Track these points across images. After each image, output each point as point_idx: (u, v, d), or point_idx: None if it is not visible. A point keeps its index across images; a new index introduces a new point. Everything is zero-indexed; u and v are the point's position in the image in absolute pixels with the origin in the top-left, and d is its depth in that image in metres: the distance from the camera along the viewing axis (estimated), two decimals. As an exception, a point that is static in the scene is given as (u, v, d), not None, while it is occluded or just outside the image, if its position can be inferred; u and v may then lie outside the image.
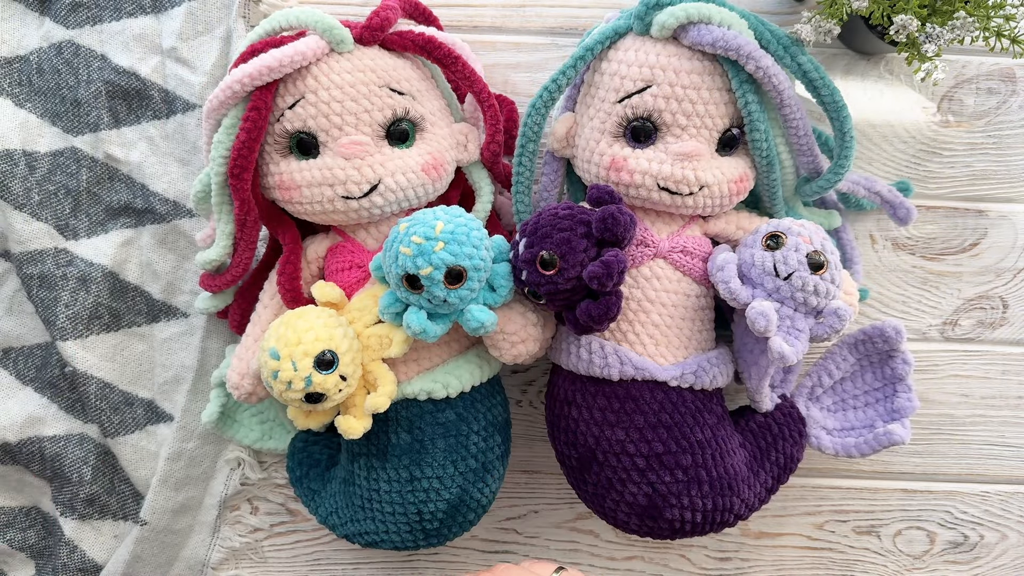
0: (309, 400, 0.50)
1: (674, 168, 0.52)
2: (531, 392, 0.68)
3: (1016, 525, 0.69)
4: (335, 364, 0.49)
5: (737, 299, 0.50)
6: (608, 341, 0.54)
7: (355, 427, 0.52)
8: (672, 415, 0.52)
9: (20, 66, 0.68)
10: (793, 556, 0.69)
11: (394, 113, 0.54)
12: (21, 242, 0.66)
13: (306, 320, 0.50)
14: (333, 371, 0.49)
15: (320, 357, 0.49)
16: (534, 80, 0.66)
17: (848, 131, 0.53)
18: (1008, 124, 0.66)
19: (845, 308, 0.50)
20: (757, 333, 0.49)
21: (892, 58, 0.65)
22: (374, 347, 0.52)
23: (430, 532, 0.55)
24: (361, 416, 0.52)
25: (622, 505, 0.54)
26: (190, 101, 0.67)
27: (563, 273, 0.48)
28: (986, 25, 0.51)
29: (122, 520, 0.69)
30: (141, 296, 0.68)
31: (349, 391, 0.51)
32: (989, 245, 0.67)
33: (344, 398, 0.52)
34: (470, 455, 0.55)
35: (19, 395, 0.69)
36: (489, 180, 0.59)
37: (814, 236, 0.51)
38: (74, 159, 0.67)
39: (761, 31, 0.53)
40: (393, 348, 0.51)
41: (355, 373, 0.51)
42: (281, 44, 0.52)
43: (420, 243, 0.47)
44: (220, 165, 0.53)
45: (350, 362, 0.50)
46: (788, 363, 0.48)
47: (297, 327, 0.49)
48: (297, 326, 0.49)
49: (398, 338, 0.51)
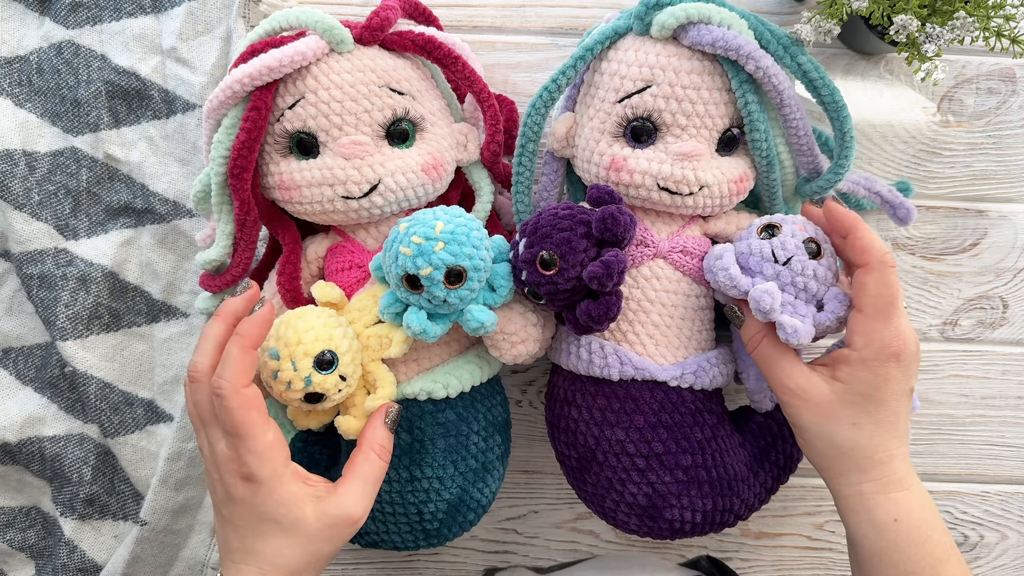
0: (308, 400, 0.50)
1: (674, 168, 0.52)
2: (531, 392, 0.68)
3: (1016, 525, 0.69)
4: (335, 364, 0.49)
5: (738, 286, 0.49)
6: (608, 341, 0.54)
7: (354, 427, 0.52)
8: (672, 415, 0.53)
9: (20, 66, 0.68)
10: (793, 556, 0.69)
11: (394, 113, 0.54)
12: (21, 242, 0.67)
13: (306, 320, 0.50)
14: (333, 371, 0.49)
15: (320, 357, 0.49)
16: (534, 80, 0.66)
17: (848, 131, 0.53)
18: (1008, 124, 0.66)
19: (845, 294, 0.49)
20: (761, 315, 0.48)
21: (892, 58, 0.65)
22: (373, 347, 0.52)
23: (430, 532, 0.55)
24: (361, 416, 0.52)
25: (622, 505, 0.54)
26: (190, 101, 0.67)
27: (563, 273, 0.48)
28: (986, 25, 0.51)
29: (122, 520, 0.69)
30: (141, 296, 0.68)
31: (349, 391, 0.52)
32: (989, 245, 0.67)
33: (344, 398, 0.52)
34: (470, 455, 0.55)
35: (19, 395, 0.69)
36: (489, 180, 0.59)
37: (808, 225, 0.51)
38: (74, 159, 0.67)
39: (761, 31, 0.53)
40: (393, 348, 0.51)
41: (355, 373, 0.51)
42: (281, 44, 0.52)
43: (420, 243, 0.47)
44: (220, 165, 0.53)
45: (350, 362, 0.50)
46: (800, 340, 0.47)
47: (297, 327, 0.49)
48: (297, 326, 0.49)
49: (398, 338, 0.51)
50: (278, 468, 0.46)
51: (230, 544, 0.47)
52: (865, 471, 0.48)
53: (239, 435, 0.45)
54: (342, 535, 0.48)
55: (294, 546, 0.46)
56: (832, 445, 0.48)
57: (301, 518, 0.46)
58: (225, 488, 0.47)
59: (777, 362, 0.50)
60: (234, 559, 0.47)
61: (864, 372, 0.47)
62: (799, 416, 0.49)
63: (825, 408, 0.48)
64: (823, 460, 0.50)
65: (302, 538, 0.46)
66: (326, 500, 0.47)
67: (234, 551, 0.47)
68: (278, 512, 0.46)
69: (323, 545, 0.47)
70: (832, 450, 0.49)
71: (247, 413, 0.45)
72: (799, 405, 0.49)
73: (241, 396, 0.45)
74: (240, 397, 0.45)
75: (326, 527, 0.47)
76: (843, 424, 0.48)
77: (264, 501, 0.46)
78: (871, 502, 0.48)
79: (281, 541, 0.46)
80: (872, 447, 0.48)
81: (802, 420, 0.49)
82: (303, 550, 0.47)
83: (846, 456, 0.48)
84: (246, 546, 0.47)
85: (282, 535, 0.46)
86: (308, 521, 0.46)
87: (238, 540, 0.47)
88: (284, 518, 0.46)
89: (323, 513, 0.46)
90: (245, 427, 0.45)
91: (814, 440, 0.49)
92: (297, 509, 0.46)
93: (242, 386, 0.45)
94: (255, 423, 0.45)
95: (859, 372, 0.47)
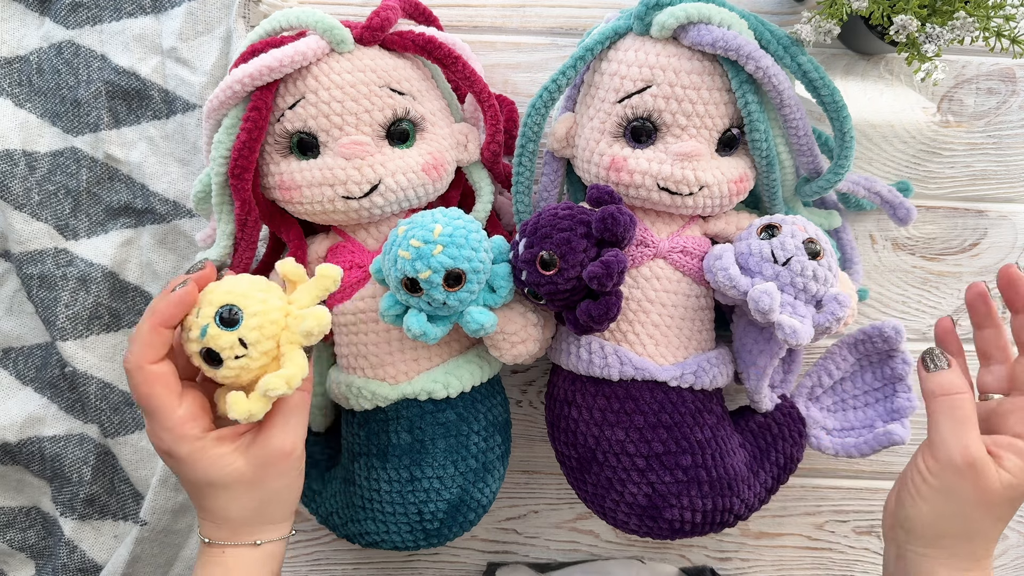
0: (208, 360, 0.46)
1: (674, 168, 0.52)
2: (531, 392, 0.68)
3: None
4: (238, 324, 0.46)
5: (737, 286, 0.50)
6: (608, 341, 0.54)
7: (241, 406, 0.45)
8: (672, 415, 0.53)
9: (20, 66, 0.68)
10: (793, 556, 0.69)
11: (394, 113, 0.54)
12: (21, 242, 0.67)
13: (232, 281, 0.47)
14: (233, 331, 0.45)
15: (223, 311, 0.46)
16: (534, 80, 0.66)
17: (848, 131, 0.53)
18: (1008, 124, 0.66)
19: (844, 295, 0.49)
20: (760, 315, 0.48)
21: (892, 58, 0.65)
22: (292, 327, 0.47)
23: (430, 532, 0.55)
24: (256, 398, 0.46)
25: (622, 505, 0.54)
26: (190, 101, 0.67)
27: (563, 273, 0.48)
28: (986, 25, 0.51)
29: (122, 520, 0.69)
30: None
31: (250, 364, 0.46)
32: (989, 245, 0.67)
33: (244, 370, 0.47)
34: (470, 455, 0.55)
35: (19, 395, 0.69)
36: (489, 180, 0.59)
37: (808, 226, 0.51)
38: (74, 159, 0.67)
39: (761, 31, 0.53)
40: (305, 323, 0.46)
41: (261, 344, 0.46)
42: (281, 44, 0.52)
43: (418, 247, 0.47)
44: (221, 165, 0.53)
45: (255, 328, 0.46)
46: (800, 341, 0.47)
47: (220, 283, 0.47)
48: (221, 283, 0.47)
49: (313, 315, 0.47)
50: (195, 440, 0.46)
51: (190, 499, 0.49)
52: (978, 562, 0.46)
53: (148, 411, 0.46)
54: (284, 469, 0.48)
55: (237, 497, 0.47)
56: (966, 528, 0.46)
57: (234, 471, 0.47)
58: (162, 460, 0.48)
59: (965, 423, 0.46)
60: (197, 512, 0.49)
61: None
62: (955, 487, 0.45)
63: (988, 494, 0.45)
64: (940, 537, 0.47)
65: (242, 487, 0.47)
66: (254, 444, 0.47)
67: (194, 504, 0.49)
68: (209, 475, 0.46)
69: (269, 483, 0.48)
70: (962, 532, 0.46)
71: (151, 387, 0.45)
72: (966, 478, 0.45)
73: (145, 372, 0.45)
74: (144, 373, 0.45)
75: (261, 467, 0.47)
76: (990, 515, 0.45)
77: (192, 470, 0.46)
78: None
79: (222, 497, 0.47)
80: (992, 542, 0.46)
81: (955, 493, 0.45)
82: (248, 496, 0.47)
83: (971, 542, 0.46)
84: (198, 503, 0.48)
85: (221, 492, 0.47)
86: (242, 470, 0.47)
87: (192, 498, 0.49)
88: (217, 478, 0.47)
89: (254, 457, 0.47)
90: (152, 402, 0.45)
91: (950, 517, 0.46)
92: (228, 466, 0.47)
93: (148, 362, 0.45)
94: (161, 397, 0.45)
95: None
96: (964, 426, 0.46)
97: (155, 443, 0.47)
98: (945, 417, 0.47)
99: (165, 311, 0.45)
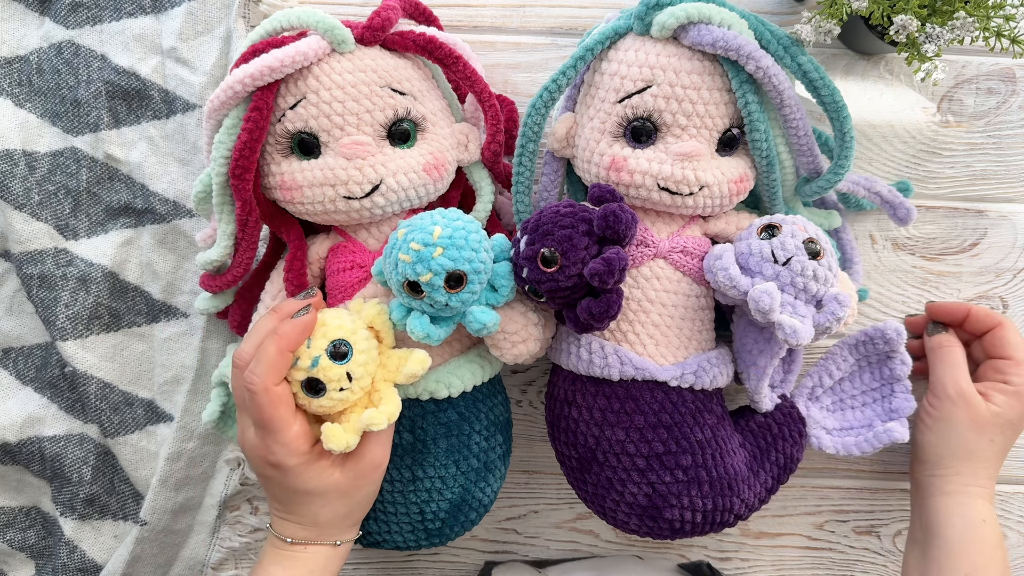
0: (309, 388, 0.49)
1: (674, 168, 0.52)
2: (531, 392, 0.68)
3: (1016, 525, 0.69)
4: (347, 358, 0.49)
5: (737, 286, 0.50)
6: (608, 341, 0.54)
7: (339, 438, 0.48)
8: (672, 415, 0.53)
9: (20, 66, 0.68)
10: (793, 556, 0.69)
11: (395, 113, 0.54)
12: (21, 242, 0.66)
13: (339, 315, 0.50)
14: (343, 364, 0.49)
15: (336, 344, 0.49)
16: (534, 80, 0.66)
17: (848, 131, 0.53)
18: (1008, 124, 0.66)
19: (844, 295, 0.49)
20: (760, 315, 0.48)
21: (892, 58, 0.65)
22: (390, 367, 0.51)
23: (432, 532, 0.55)
24: (351, 430, 0.49)
25: (622, 505, 0.54)
26: (190, 101, 0.67)
27: (564, 270, 0.48)
28: (986, 25, 0.51)
29: (122, 520, 0.69)
30: (141, 296, 0.68)
31: (350, 397, 0.50)
32: (989, 245, 0.67)
33: (341, 402, 0.50)
34: (472, 455, 0.55)
35: (19, 395, 0.69)
36: (490, 180, 0.59)
37: (808, 226, 0.51)
38: (74, 159, 0.67)
39: (761, 31, 0.53)
40: (408, 366, 0.51)
41: (362, 380, 0.50)
42: (282, 44, 0.52)
43: (419, 249, 0.47)
44: (221, 165, 0.53)
45: (361, 364, 0.49)
46: (800, 341, 0.47)
47: (328, 316, 0.50)
48: (328, 316, 0.50)
49: (413, 360, 0.51)
50: (303, 455, 0.49)
51: (272, 501, 0.52)
52: (977, 477, 0.58)
53: (267, 428, 0.48)
54: (374, 479, 0.52)
55: (330, 504, 0.51)
56: (964, 448, 0.58)
57: (332, 482, 0.50)
58: (257, 467, 0.51)
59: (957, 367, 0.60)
60: (277, 512, 0.52)
61: (1020, 405, 0.58)
62: (951, 415, 0.59)
63: (978, 419, 0.58)
64: (944, 457, 0.59)
65: (336, 495, 0.51)
66: (350, 459, 0.51)
67: (276, 507, 0.52)
68: (308, 486, 0.50)
69: (360, 491, 0.52)
70: (961, 451, 0.58)
71: (275, 409, 0.48)
72: (958, 406, 0.59)
73: (271, 394, 0.48)
74: (269, 395, 0.48)
75: (355, 479, 0.51)
76: (984, 437, 0.58)
77: (294, 481, 0.50)
78: (972, 502, 0.58)
79: (316, 503, 0.51)
80: (992, 461, 0.59)
81: (952, 419, 0.59)
82: (339, 503, 0.51)
83: (970, 460, 0.58)
84: (285, 507, 0.51)
85: (317, 499, 0.51)
86: (339, 481, 0.50)
87: (277, 502, 0.52)
88: (316, 488, 0.50)
89: (349, 470, 0.50)
90: (273, 422, 0.48)
91: (950, 439, 0.59)
92: (326, 478, 0.50)
93: (273, 384, 0.48)
94: (282, 418, 0.48)
95: (1014, 403, 0.58)
96: (956, 369, 0.60)
97: (262, 454, 0.49)
98: (941, 363, 0.61)
99: (292, 336, 0.48)
